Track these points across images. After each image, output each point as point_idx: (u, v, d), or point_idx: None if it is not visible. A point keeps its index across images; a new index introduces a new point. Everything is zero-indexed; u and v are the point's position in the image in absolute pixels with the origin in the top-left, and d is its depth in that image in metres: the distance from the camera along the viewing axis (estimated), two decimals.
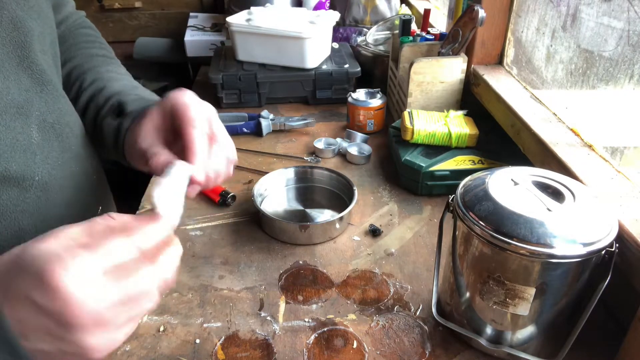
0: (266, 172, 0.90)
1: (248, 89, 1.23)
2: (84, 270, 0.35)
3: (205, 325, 0.63)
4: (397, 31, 1.14)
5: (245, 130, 1.11)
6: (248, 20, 1.21)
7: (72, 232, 0.38)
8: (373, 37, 1.35)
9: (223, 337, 0.62)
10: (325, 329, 0.63)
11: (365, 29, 1.44)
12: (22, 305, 0.35)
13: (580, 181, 0.63)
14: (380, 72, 1.28)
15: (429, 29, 1.16)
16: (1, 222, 0.46)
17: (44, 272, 0.34)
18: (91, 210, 0.60)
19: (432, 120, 0.91)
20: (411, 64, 0.98)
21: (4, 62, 0.46)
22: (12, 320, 0.35)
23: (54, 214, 0.51)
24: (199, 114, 0.52)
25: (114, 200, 0.72)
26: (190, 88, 0.55)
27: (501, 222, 0.50)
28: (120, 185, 0.73)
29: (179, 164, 0.48)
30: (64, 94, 0.57)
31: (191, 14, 1.95)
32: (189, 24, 1.83)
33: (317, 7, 1.54)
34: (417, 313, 0.65)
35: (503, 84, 0.95)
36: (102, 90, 0.63)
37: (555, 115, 0.82)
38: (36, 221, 0.49)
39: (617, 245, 0.50)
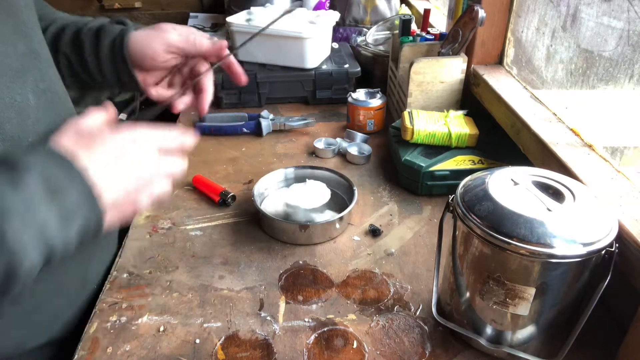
0: (266, 172, 0.90)
1: (248, 89, 1.23)
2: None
3: (205, 325, 0.63)
4: (397, 31, 1.14)
5: (245, 130, 1.11)
6: (248, 20, 1.21)
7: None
8: (373, 37, 1.35)
9: (223, 337, 0.62)
10: (325, 329, 0.63)
11: (365, 29, 1.44)
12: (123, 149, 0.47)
13: (580, 181, 0.63)
14: (380, 72, 1.28)
15: (429, 29, 1.16)
16: None
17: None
18: None
19: (432, 120, 0.91)
20: (411, 64, 0.98)
21: (1, 27, 0.49)
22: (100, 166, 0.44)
23: None
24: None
25: None
26: None
27: (501, 222, 0.50)
28: None
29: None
30: (53, 64, 0.60)
31: (191, 14, 1.95)
32: (189, 24, 1.83)
33: (317, 7, 1.54)
34: (417, 313, 0.65)
35: (503, 84, 0.95)
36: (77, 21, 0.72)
37: (555, 115, 0.82)
38: None
39: (617, 245, 0.50)
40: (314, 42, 1.19)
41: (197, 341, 0.61)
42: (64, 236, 0.42)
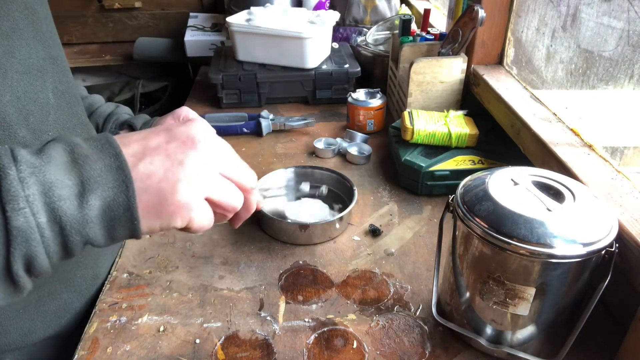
0: (266, 172, 0.90)
1: (248, 89, 1.23)
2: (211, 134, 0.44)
3: (205, 325, 0.63)
4: (397, 31, 1.14)
5: (245, 130, 1.11)
6: (248, 20, 1.21)
7: None
8: (373, 37, 1.35)
9: (223, 337, 0.62)
10: (325, 329, 0.63)
11: (365, 29, 1.44)
12: (157, 135, 0.41)
13: (580, 181, 0.63)
14: (380, 72, 1.29)
15: (429, 29, 1.16)
16: None
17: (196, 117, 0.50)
18: None
19: (432, 120, 0.91)
20: (411, 64, 0.98)
21: (24, 32, 0.52)
22: (138, 145, 0.40)
23: None
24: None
25: None
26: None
27: (501, 222, 0.50)
28: None
29: None
30: (69, 71, 0.64)
31: (191, 14, 1.95)
32: (189, 24, 1.83)
33: (317, 7, 1.55)
34: (417, 313, 0.65)
35: (503, 84, 0.95)
36: (95, 110, 0.77)
37: (555, 115, 0.82)
38: None
39: (617, 245, 0.50)
40: (314, 42, 1.19)
41: (197, 341, 0.61)
42: (77, 206, 0.36)
